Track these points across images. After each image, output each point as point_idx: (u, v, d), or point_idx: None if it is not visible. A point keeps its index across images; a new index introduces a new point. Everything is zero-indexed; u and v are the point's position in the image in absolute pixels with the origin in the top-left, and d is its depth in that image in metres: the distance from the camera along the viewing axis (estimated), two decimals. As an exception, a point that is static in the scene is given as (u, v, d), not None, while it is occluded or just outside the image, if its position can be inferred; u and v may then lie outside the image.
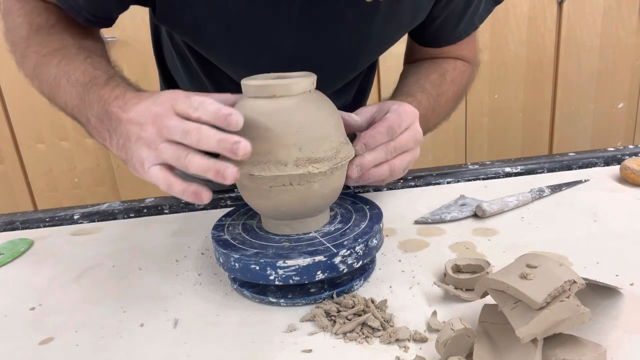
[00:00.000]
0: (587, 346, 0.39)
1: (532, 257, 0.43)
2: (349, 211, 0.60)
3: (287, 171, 0.50)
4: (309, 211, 0.55)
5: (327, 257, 0.51)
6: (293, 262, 0.50)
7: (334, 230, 0.56)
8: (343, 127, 0.56)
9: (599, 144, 2.26)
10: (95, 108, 0.57)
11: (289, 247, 0.53)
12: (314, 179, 0.51)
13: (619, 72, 2.18)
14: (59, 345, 0.50)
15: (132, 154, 0.52)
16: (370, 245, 0.54)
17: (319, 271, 0.51)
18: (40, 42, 0.65)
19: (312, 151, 0.50)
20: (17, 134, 2.09)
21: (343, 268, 0.52)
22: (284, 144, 0.50)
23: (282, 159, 0.50)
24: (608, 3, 2.07)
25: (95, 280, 0.62)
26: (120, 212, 0.81)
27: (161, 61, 0.88)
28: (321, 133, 0.51)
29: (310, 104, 0.52)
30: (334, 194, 0.56)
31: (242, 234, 0.57)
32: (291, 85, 0.50)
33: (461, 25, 0.77)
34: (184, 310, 0.54)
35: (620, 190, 0.75)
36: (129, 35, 1.96)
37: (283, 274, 0.50)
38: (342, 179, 0.55)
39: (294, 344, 0.47)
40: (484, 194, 0.75)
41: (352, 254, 0.52)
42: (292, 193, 0.52)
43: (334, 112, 0.54)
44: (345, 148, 0.54)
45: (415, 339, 0.46)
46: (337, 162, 0.52)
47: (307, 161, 0.50)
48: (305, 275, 0.51)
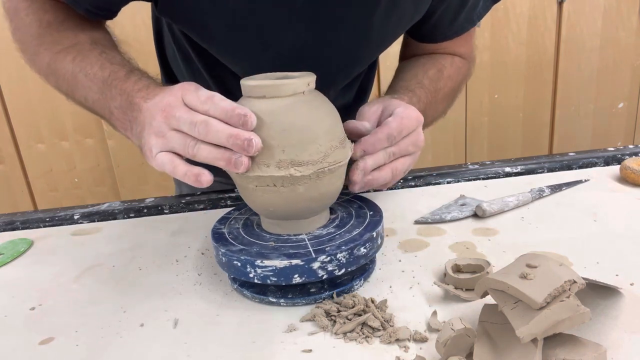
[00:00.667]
0: (587, 346, 0.39)
1: (532, 257, 0.43)
2: (350, 216, 0.59)
3: (270, 172, 0.50)
4: (298, 213, 0.55)
5: (305, 262, 0.50)
6: (270, 263, 0.50)
7: (325, 234, 0.55)
8: (339, 130, 0.55)
9: (599, 143, 2.26)
10: (118, 101, 0.59)
11: (273, 247, 0.53)
12: (297, 182, 0.51)
13: (619, 72, 2.18)
14: (59, 345, 0.50)
15: (144, 142, 0.54)
16: (357, 254, 0.52)
17: (296, 274, 0.50)
18: (52, 39, 0.67)
19: (296, 154, 0.50)
20: (17, 134, 2.09)
21: (322, 274, 0.51)
22: (267, 145, 0.50)
23: (265, 160, 0.50)
24: (608, 3, 2.06)
25: (95, 280, 0.62)
26: (120, 212, 0.81)
27: (163, 57, 0.89)
28: (308, 136, 0.50)
29: (299, 106, 0.51)
30: (325, 198, 0.55)
31: (240, 229, 0.58)
32: (280, 86, 0.50)
33: (458, 20, 0.77)
34: (184, 310, 0.54)
35: (620, 190, 0.75)
36: (129, 35, 1.96)
37: (261, 273, 0.51)
38: (334, 184, 0.54)
39: (294, 344, 0.47)
40: (484, 194, 0.75)
41: (332, 261, 0.51)
42: (277, 194, 0.52)
43: (327, 115, 0.53)
44: (336, 152, 0.53)
45: (415, 339, 0.46)
46: (323, 166, 0.51)
47: (290, 164, 0.50)
48: (282, 277, 0.50)
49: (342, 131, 0.55)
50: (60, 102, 2.04)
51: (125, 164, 2.14)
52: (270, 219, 0.57)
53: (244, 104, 0.52)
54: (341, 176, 0.55)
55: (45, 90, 2.02)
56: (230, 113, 0.48)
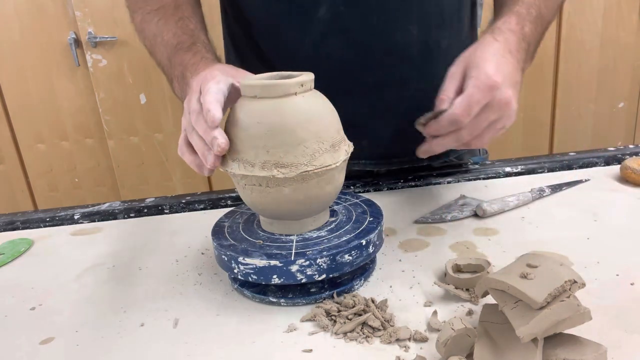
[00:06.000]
0: (587, 346, 0.39)
1: (533, 256, 0.43)
2: (349, 220, 0.58)
3: (254, 172, 0.50)
4: (287, 214, 0.54)
5: (283, 264, 0.50)
6: (251, 261, 0.51)
7: (314, 237, 0.55)
8: (333, 133, 0.53)
9: (599, 143, 2.25)
10: (178, 70, 0.64)
11: (260, 246, 0.53)
12: (282, 183, 0.50)
13: (619, 72, 2.18)
14: (59, 345, 0.50)
15: None
16: (340, 261, 0.51)
17: (275, 275, 0.51)
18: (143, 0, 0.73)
19: (280, 155, 0.50)
20: (17, 134, 2.09)
21: (301, 277, 0.51)
22: (253, 145, 0.50)
23: (250, 159, 0.51)
24: (608, 3, 2.06)
25: (95, 280, 0.62)
26: (120, 212, 0.81)
27: None
28: (294, 138, 0.50)
29: (288, 107, 0.50)
30: (316, 201, 0.54)
31: (241, 224, 0.59)
32: (271, 87, 0.50)
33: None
34: (184, 310, 0.54)
35: (620, 190, 0.75)
36: (129, 35, 1.96)
37: (244, 270, 0.51)
38: (324, 188, 0.53)
39: (294, 344, 0.47)
40: (484, 194, 0.75)
41: (312, 265, 0.50)
42: (264, 194, 0.52)
43: (318, 118, 0.52)
44: (325, 156, 0.51)
45: (415, 339, 0.46)
46: (308, 169, 0.50)
47: (274, 165, 0.50)
48: (262, 276, 0.51)
49: (336, 134, 0.53)
50: (60, 102, 2.05)
51: (125, 164, 2.14)
52: (264, 217, 0.58)
53: (240, 103, 0.53)
54: (332, 180, 0.53)
55: (45, 90, 2.03)
56: (204, 106, 0.51)
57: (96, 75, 2.01)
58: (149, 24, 0.72)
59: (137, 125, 2.09)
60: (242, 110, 0.52)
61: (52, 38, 1.97)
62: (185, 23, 0.70)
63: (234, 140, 0.52)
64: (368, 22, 0.74)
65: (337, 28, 0.73)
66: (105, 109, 2.05)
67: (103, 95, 2.04)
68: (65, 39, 1.97)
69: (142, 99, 2.05)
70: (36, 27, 1.95)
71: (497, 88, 0.57)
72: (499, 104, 0.57)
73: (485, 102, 0.57)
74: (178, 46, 0.66)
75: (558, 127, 2.25)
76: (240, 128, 0.51)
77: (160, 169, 2.16)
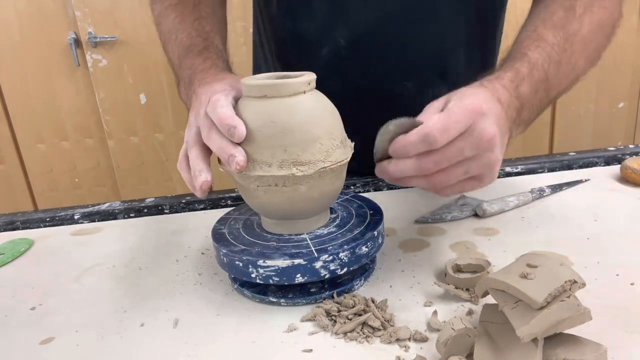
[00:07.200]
0: (587, 346, 0.39)
1: (533, 256, 0.43)
2: (351, 215, 0.59)
3: (272, 172, 0.50)
4: (299, 213, 0.55)
5: (307, 261, 0.50)
6: (272, 263, 0.50)
7: (326, 233, 0.55)
8: (340, 129, 0.54)
9: (600, 143, 2.25)
10: (186, 74, 0.63)
11: (275, 247, 0.53)
12: (300, 181, 0.51)
13: (619, 72, 2.18)
14: (59, 345, 0.50)
15: None
16: (359, 253, 0.52)
17: (299, 274, 0.50)
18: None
19: (298, 153, 0.50)
20: (17, 134, 2.09)
21: (325, 273, 0.51)
22: (269, 145, 0.50)
23: (266, 159, 0.50)
24: (608, 3, 2.06)
25: (95, 280, 0.62)
26: (121, 212, 0.81)
27: None
28: (309, 135, 0.50)
29: (301, 106, 0.51)
30: (327, 198, 0.55)
31: (241, 229, 0.58)
32: (281, 86, 0.50)
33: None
34: (184, 310, 0.54)
35: (620, 190, 0.75)
36: (129, 35, 1.96)
37: (264, 273, 0.51)
38: (334, 184, 0.54)
39: (294, 344, 0.47)
40: (484, 194, 0.75)
41: (335, 260, 0.51)
42: (279, 194, 0.52)
43: (328, 115, 0.53)
44: (338, 152, 0.52)
45: (415, 339, 0.46)
46: (325, 165, 0.51)
47: (292, 163, 0.50)
48: (285, 277, 0.51)
49: (342, 130, 0.55)
50: (60, 102, 2.05)
51: (125, 164, 2.14)
52: (271, 219, 0.57)
53: (245, 104, 0.52)
54: (341, 176, 0.55)
55: (45, 90, 2.03)
56: (221, 122, 0.50)
57: (96, 75, 2.01)
58: (165, 19, 0.71)
59: (137, 125, 2.09)
60: (250, 110, 0.51)
61: (52, 38, 1.97)
62: (201, 24, 0.68)
63: (244, 141, 0.50)
64: (366, 69, 0.76)
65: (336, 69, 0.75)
66: (105, 109, 2.05)
67: (103, 95, 2.04)
68: (65, 39, 1.97)
69: (142, 99, 2.05)
70: (36, 27, 1.95)
71: (481, 114, 0.48)
72: (479, 136, 0.47)
73: (464, 124, 0.47)
74: (190, 48, 0.65)
75: (558, 127, 2.25)
76: (252, 129, 0.50)
77: (160, 169, 2.17)
